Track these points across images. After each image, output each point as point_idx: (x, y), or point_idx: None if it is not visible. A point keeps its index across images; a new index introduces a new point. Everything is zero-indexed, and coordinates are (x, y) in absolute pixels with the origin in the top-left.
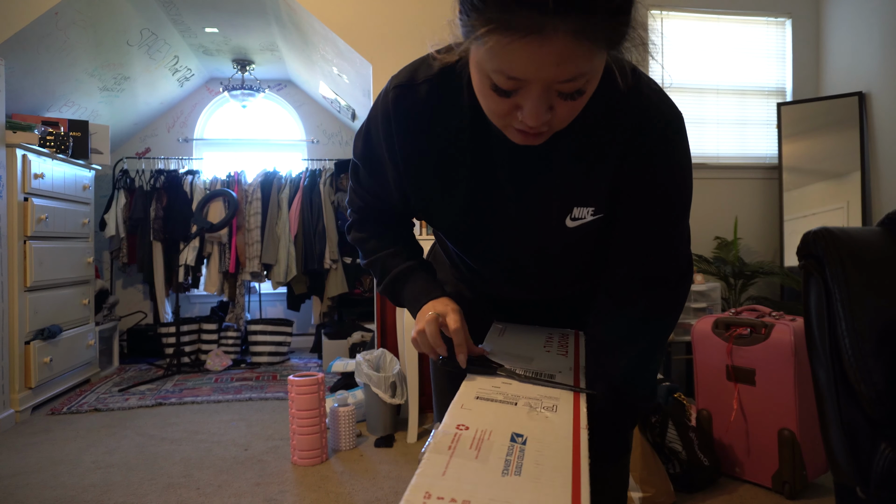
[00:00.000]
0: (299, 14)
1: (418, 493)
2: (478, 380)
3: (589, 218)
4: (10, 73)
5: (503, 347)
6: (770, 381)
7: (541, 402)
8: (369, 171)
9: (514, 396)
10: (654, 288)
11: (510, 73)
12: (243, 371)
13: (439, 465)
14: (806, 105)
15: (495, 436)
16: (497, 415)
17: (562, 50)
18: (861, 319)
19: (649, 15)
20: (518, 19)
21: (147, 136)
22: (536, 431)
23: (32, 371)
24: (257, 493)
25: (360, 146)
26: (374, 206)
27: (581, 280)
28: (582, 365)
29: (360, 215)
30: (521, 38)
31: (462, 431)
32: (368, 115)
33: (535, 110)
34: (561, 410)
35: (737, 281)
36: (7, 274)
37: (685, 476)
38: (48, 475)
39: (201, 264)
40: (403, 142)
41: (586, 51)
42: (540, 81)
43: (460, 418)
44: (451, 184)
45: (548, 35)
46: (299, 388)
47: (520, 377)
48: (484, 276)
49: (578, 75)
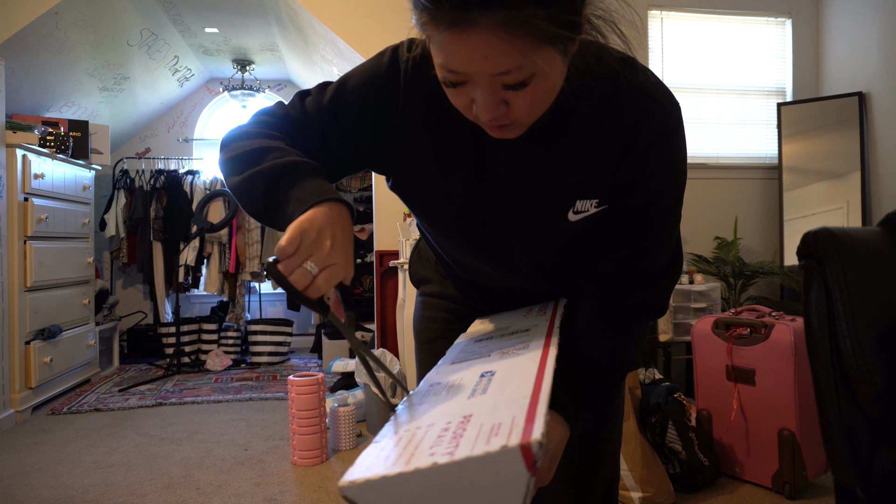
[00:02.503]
0: (299, 14)
1: (390, 427)
2: (455, 354)
3: (593, 210)
4: (10, 73)
5: (482, 328)
6: (770, 381)
7: (513, 347)
8: (337, 113)
9: (488, 351)
10: (644, 280)
11: (448, 67)
12: (243, 371)
13: (411, 410)
14: (806, 105)
15: (465, 380)
16: (470, 369)
17: (487, 43)
18: (861, 319)
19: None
20: (444, 13)
21: (147, 136)
22: (505, 368)
23: (33, 371)
24: (257, 493)
25: (337, 89)
26: (303, 129)
27: (578, 275)
28: (559, 315)
29: (277, 119)
30: (448, 31)
31: (435, 387)
32: (366, 66)
33: (484, 104)
34: (532, 349)
35: (737, 281)
36: (7, 274)
37: (685, 476)
38: (48, 475)
39: (201, 264)
40: (407, 107)
41: (518, 44)
42: (477, 75)
43: (434, 380)
44: (448, 171)
45: (471, 28)
46: (299, 388)
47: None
48: (475, 270)
49: (514, 68)
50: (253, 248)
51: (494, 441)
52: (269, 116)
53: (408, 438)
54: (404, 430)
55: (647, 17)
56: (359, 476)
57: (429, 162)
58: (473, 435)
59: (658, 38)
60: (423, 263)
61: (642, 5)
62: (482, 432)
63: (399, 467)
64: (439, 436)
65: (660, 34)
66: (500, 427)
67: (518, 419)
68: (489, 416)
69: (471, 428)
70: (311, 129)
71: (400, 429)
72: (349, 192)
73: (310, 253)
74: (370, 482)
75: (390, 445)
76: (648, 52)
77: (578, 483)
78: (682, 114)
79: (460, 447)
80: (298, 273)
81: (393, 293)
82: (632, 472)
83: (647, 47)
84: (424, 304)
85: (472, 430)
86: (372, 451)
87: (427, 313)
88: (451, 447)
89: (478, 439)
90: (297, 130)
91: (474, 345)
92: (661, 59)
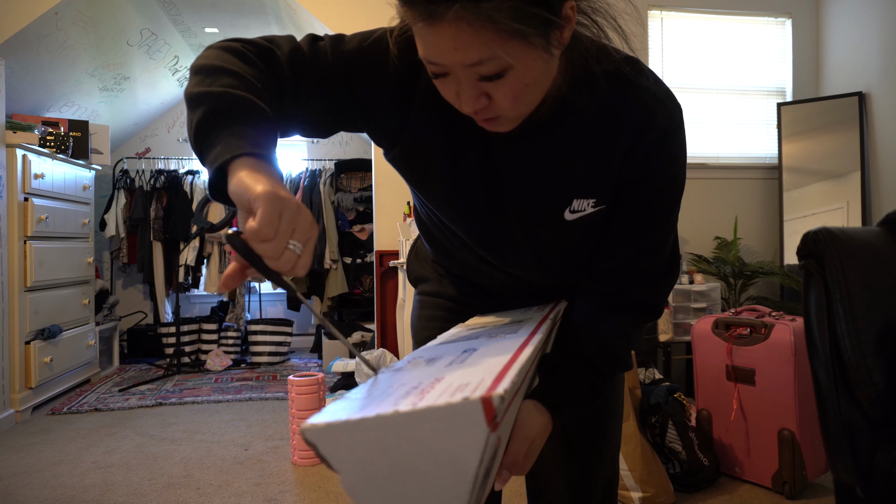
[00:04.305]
0: (299, 14)
1: (364, 387)
2: (446, 338)
3: (589, 210)
4: (10, 73)
5: (480, 322)
6: (770, 381)
7: (502, 332)
8: (354, 68)
9: (478, 335)
10: (642, 279)
11: (427, 58)
12: (243, 371)
13: (388, 375)
14: (806, 105)
15: (447, 354)
16: (455, 346)
17: (455, 35)
18: (861, 319)
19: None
20: (415, 6)
21: (147, 136)
22: (489, 344)
23: (33, 371)
24: (257, 493)
25: (363, 47)
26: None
27: (575, 273)
28: (558, 310)
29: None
30: (421, 23)
31: (416, 359)
32: (387, 34)
33: (464, 95)
34: (521, 333)
35: (737, 281)
36: (7, 274)
37: (685, 476)
38: (48, 475)
39: (201, 264)
40: (429, 83)
41: (483, 37)
42: (453, 66)
43: (417, 355)
44: (454, 152)
45: (440, 20)
46: (299, 388)
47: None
48: (471, 262)
49: (485, 59)
50: None
51: (458, 395)
52: (271, 45)
53: (377, 394)
54: (377, 389)
55: (647, 16)
56: (321, 420)
57: (438, 140)
58: (440, 391)
59: (658, 38)
60: (421, 262)
61: (642, 5)
62: (448, 389)
63: (361, 414)
64: (408, 392)
65: (660, 34)
66: (466, 386)
67: (486, 381)
68: (459, 379)
69: (439, 386)
70: (318, 70)
71: (373, 389)
72: (349, 192)
73: (291, 231)
74: (331, 426)
75: (359, 398)
76: (648, 52)
77: (578, 483)
78: (683, 115)
79: (424, 400)
80: (286, 257)
81: (393, 293)
82: (632, 472)
83: (647, 47)
84: (422, 304)
85: (440, 388)
86: (341, 403)
87: (424, 312)
88: (416, 400)
89: (442, 395)
90: (302, 68)
91: (466, 332)
92: (661, 58)
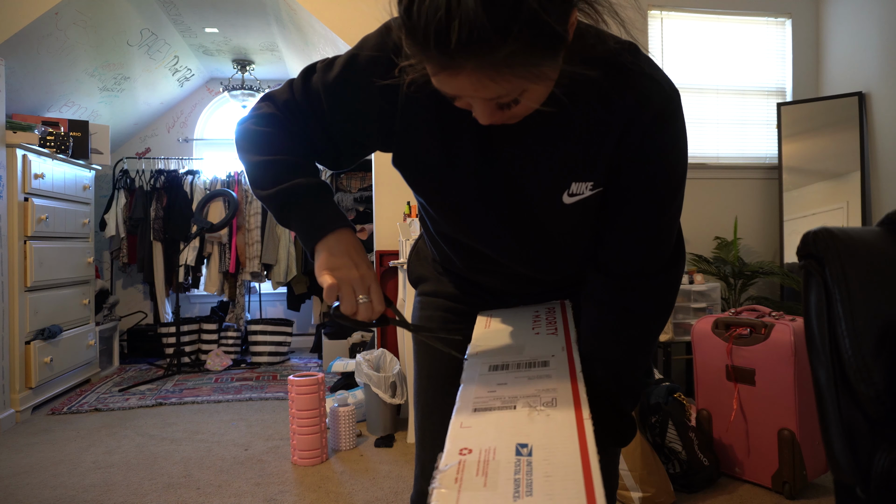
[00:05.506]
0: (299, 14)
1: None
2: (474, 388)
3: (587, 193)
4: (10, 73)
5: (491, 341)
6: (770, 381)
7: (539, 398)
8: (340, 94)
9: (512, 398)
10: (648, 270)
11: (443, 91)
12: (243, 371)
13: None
14: (806, 105)
15: (500, 453)
16: (498, 426)
17: (473, 81)
18: (861, 319)
19: (649, 15)
20: (432, 57)
21: (147, 136)
22: (540, 436)
23: (33, 371)
24: (257, 493)
25: (343, 67)
26: (307, 118)
27: (575, 264)
28: (573, 339)
29: (283, 113)
30: (439, 73)
31: (466, 457)
32: (373, 42)
33: (480, 114)
34: (561, 403)
35: (737, 281)
36: (7, 274)
37: (685, 476)
38: (48, 475)
39: (201, 264)
40: (414, 80)
41: (504, 80)
42: (471, 98)
43: (462, 441)
44: (452, 144)
45: (458, 70)
46: (299, 388)
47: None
48: (472, 256)
49: (503, 94)
50: (253, 248)
51: None
52: (275, 109)
53: None
54: None
55: (648, 16)
56: None
57: (433, 133)
58: None
59: (658, 38)
60: (422, 262)
61: (642, 5)
62: None
63: None
64: None
65: (660, 34)
66: None
67: None
68: None
69: None
70: (316, 114)
71: None
72: (349, 192)
73: (351, 288)
74: None
75: None
76: (648, 53)
77: None
78: (681, 101)
79: None
80: (362, 309)
81: (393, 293)
82: (632, 472)
83: (648, 47)
84: (422, 304)
85: None
86: None
87: (425, 312)
88: None
89: None
90: (303, 119)
91: (490, 375)
92: (661, 59)
